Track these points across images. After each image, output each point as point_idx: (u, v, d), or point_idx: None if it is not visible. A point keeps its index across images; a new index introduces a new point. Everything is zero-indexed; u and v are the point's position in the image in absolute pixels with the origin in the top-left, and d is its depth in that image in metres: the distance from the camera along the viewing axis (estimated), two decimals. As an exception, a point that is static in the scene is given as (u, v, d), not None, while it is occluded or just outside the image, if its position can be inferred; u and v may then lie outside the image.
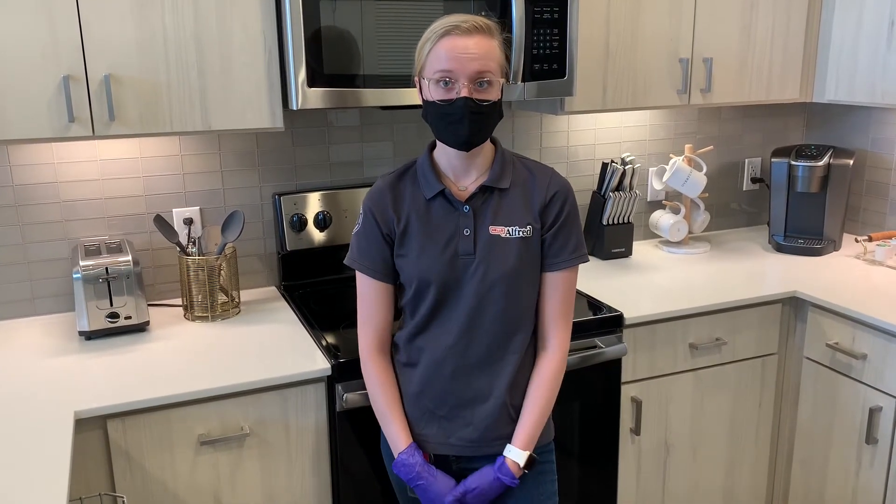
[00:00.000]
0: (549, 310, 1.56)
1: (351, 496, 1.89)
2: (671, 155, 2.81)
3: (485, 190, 1.52)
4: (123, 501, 1.56)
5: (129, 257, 1.98)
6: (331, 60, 1.88)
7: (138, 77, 1.80)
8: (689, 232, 2.78)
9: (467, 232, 1.50)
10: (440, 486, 1.51)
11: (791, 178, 2.70)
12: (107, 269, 1.94)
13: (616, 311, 2.11)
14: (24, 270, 2.12)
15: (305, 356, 1.85)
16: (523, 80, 2.07)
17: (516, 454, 1.51)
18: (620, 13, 2.27)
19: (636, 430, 2.21)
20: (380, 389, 1.56)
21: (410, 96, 1.98)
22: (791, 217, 2.75)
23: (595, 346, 2.06)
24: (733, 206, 3.04)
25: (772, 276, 2.44)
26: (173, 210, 2.24)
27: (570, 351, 1.93)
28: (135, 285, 1.97)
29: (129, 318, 1.98)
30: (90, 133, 1.78)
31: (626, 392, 2.17)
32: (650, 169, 2.82)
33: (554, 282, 1.55)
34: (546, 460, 1.60)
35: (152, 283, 2.26)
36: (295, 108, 1.88)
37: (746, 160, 3.00)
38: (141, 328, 2.02)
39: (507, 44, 1.47)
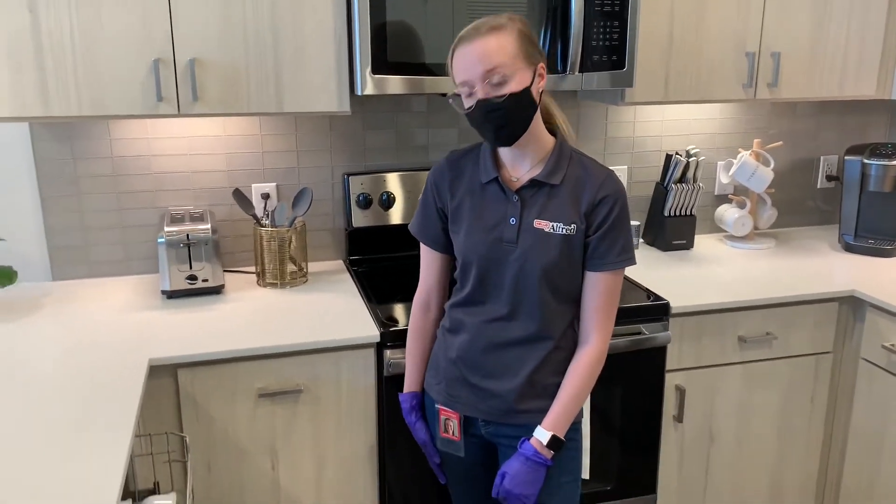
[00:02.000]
0: (591, 308, 1.59)
1: (395, 456, 2.03)
2: (740, 149, 2.79)
3: (536, 183, 1.58)
4: (186, 441, 1.74)
5: (209, 226, 2.18)
6: (394, 49, 2.00)
7: (220, 62, 1.98)
8: (755, 227, 2.76)
9: (513, 221, 1.57)
10: (419, 433, 1.77)
11: (864, 177, 2.64)
12: (188, 235, 2.15)
13: (663, 299, 2.15)
14: (120, 234, 2.35)
15: (359, 323, 2.00)
16: (581, 71, 2.14)
17: (540, 433, 1.57)
18: (686, 5, 2.29)
19: (679, 418, 2.24)
20: (411, 337, 1.78)
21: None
22: (863, 216, 2.68)
23: (640, 332, 2.11)
24: (809, 204, 2.98)
25: (833, 275, 2.41)
26: (252, 185, 2.43)
27: (615, 335, 2.00)
28: (212, 252, 2.17)
29: (206, 280, 2.18)
30: (176, 111, 1.97)
31: (671, 380, 2.21)
32: (718, 162, 2.81)
33: (596, 281, 1.58)
34: (566, 437, 1.63)
35: (231, 251, 2.46)
36: (360, 94, 2.01)
37: (822, 157, 2.94)
38: (216, 290, 2.22)
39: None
